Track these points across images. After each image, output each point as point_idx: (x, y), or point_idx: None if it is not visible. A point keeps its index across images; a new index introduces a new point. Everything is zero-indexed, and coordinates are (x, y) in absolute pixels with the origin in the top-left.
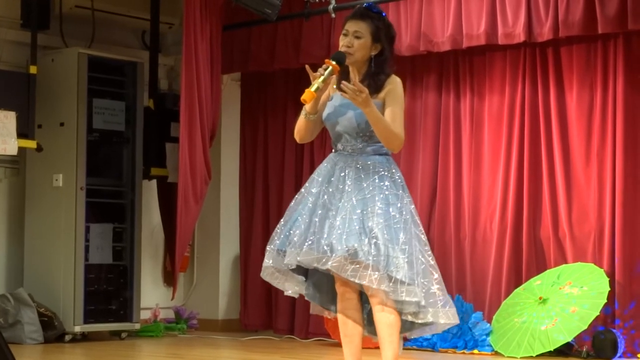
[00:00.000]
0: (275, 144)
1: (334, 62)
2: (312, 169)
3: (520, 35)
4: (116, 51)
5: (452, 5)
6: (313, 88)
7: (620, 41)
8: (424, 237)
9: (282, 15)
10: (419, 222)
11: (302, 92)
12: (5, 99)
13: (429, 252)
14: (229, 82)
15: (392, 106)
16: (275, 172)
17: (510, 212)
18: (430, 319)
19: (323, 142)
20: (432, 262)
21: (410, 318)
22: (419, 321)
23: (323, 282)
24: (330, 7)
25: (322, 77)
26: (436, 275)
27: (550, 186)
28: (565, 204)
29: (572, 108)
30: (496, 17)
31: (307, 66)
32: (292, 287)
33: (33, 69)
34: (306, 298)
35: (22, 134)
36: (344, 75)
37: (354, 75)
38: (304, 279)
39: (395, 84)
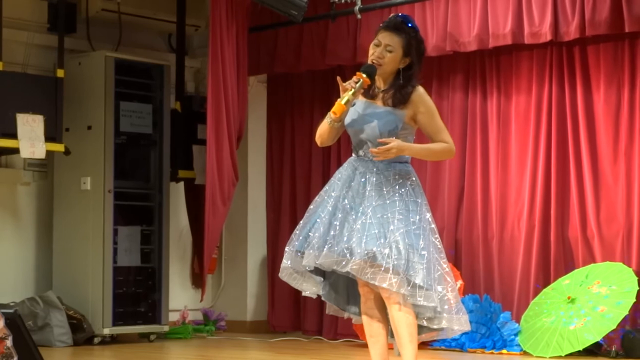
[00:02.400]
0: (301, 145)
1: (364, 75)
2: None
3: (546, 35)
4: (143, 54)
5: (478, 5)
6: (344, 101)
7: None
8: (439, 245)
9: (308, 16)
10: (435, 229)
11: (328, 93)
12: (33, 102)
13: (445, 259)
14: (255, 84)
15: (431, 120)
16: (302, 173)
17: (538, 212)
18: (445, 325)
19: (349, 143)
20: (447, 269)
21: (425, 323)
22: (434, 327)
23: (339, 283)
24: (356, 8)
25: (353, 90)
26: (450, 282)
27: (578, 185)
28: (593, 203)
29: (600, 107)
30: (522, 16)
31: (338, 78)
32: (309, 288)
33: (60, 73)
34: (322, 298)
35: (50, 137)
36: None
37: (380, 84)
38: (321, 279)
39: (422, 98)
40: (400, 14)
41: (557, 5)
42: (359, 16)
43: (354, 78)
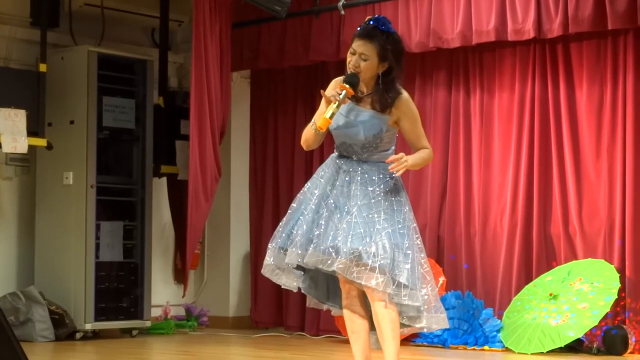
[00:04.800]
0: (285, 141)
1: (347, 86)
2: None
3: (529, 32)
4: (126, 49)
5: (461, 2)
6: (328, 115)
7: (630, 37)
8: (420, 244)
9: (292, 12)
10: (417, 228)
11: (312, 89)
12: (15, 97)
13: (425, 259)
14: (238, 80)
15: (413, 126)
16: (285, 169)
17: (521, 209)
18: (424, 323)
19: (332, 141)
20: (428, 269)
21: (406, 321)
22: (417, 325)
23: (319, 276)
24: (340, 4)
25: (337, 103)
26: (431, 281)
27: (560, 182)
28: (576, 200)
29: (582, 104)
30: (506, 13)
31: (322, 91)
32: (290, 283)
33: (43, 67)
34: (302, 291)
35: (32, 132)
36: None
37: (363, 88)
38: (302, 273)
39: (407, 103)
40: (374, 18)
41: (540, 2)
42: (342, 12)
43: (337, 89)
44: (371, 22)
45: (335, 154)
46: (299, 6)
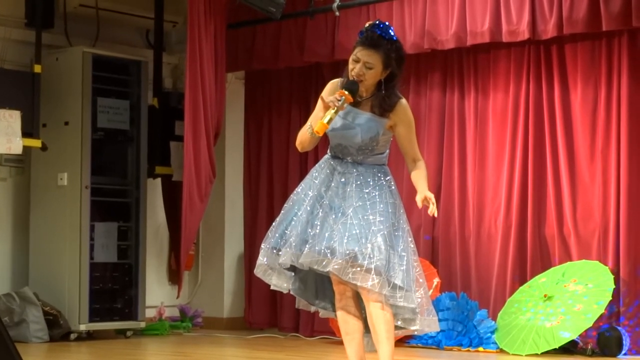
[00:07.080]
0: (279, 142)
1: (347, 93)
2: None
3: (524, 33)
4: (120, 50)
5: (456, 3)
6: (326, 120)
7: (624, 38)
8: (413, 246)
9: (286, 13)
10: (410, 231)
11: (306, 90)
12: (9, 98)
13: (418, 262)
14: (233, 81)
15: (408, 133)
16: (280, 170)
17: (515, 210)
18: (417, 326)
19: (327, 142)
20: (420, 271)
21: (401, 324)
22: (411, 328)
23: (308, 277)
24: (335, 5)
25: (335, 109)
26: (423, 284)
27: (554, 184)
28: (570, 201)
29: (577, 105)
30: (500, 14)
31: (321, 96)
32: (281, 284)
33: (37, 68)
34: (291, 292)
35: (26, 133)
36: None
37: (362, 92)
38: (292, 274)
39: (405, 110)
40: (377, 26)
41: (534, 3)
42: (337, 13)
43: (337, 95)
44: (376, 31)
45: (328, 155)
46: (293, 7)
